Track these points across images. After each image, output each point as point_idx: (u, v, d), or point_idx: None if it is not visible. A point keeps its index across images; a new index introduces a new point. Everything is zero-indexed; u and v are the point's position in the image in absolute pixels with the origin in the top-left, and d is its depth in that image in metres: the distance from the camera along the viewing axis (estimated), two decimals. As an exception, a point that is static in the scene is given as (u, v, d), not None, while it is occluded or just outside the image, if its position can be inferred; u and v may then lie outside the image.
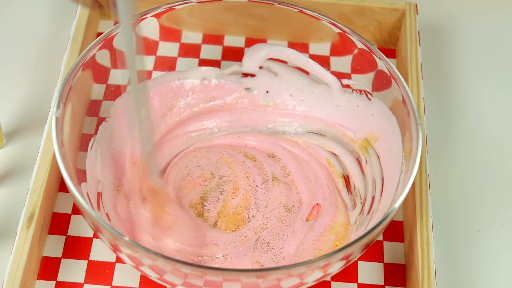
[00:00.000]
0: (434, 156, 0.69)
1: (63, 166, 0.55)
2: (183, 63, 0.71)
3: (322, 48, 0.68)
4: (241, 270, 0.52)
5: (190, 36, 0.73)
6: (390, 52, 0.76)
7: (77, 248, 0.62)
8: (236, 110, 0.69)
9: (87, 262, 0.61)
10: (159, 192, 0.60)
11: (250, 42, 0.71)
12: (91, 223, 0.55)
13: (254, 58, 0.68)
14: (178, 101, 0.68)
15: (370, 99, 0.65)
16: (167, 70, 0.70)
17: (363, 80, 0.65)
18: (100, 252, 0.62)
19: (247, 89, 0.69)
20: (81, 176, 0.59)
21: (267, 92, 0.69)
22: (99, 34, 0.75)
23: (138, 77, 0.53)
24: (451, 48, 0.78)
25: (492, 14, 0.81)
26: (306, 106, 0.68)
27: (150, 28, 0.67)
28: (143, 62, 0.55)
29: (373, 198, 0.62)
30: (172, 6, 0.65)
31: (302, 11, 0.66)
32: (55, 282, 0.60)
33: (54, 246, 0.62)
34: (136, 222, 0.60)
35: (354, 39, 0.64)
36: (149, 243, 0.59)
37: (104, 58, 0.63)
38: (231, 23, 0.73)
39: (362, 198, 0.63)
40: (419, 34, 0.72)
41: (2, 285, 0.57)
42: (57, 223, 0.63)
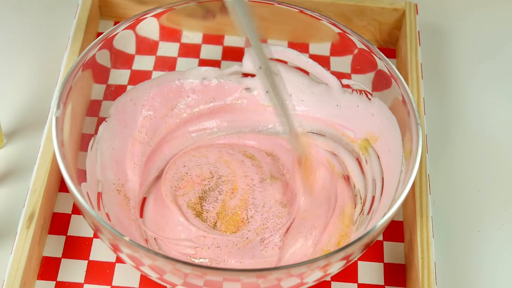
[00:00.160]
0: (434, 156, 0.69)
1: (63, 166, 0.54)
2: (183, 63, 0.71)
3: (322, 48, 0.68)
4: (241, 270, 0.52)
5: (190, 36, 0.73)
6: (390, 52, 0.76)
7: (77, 248, 0.62)
8: (236, 110, 0.69)
9: (87, 262, 0.61)
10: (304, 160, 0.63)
11: (250, 42, 0.71)
12: (91, 223, 0.55)
13: (254, 58, 0.68)
14: (178, 101, 0.68)
15: (370, 99, 0.65)
16: (167, 70, 0.69)
17: (363, 80, 0.65)
18: (100, 252, 0.62)
19: (247, 89, 0.69)
20: (81, 176, 0.59)
21: (267, 92, 0.69)
22: (99, 34, 0.75)
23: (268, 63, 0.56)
24: (451, 48, 0.78)
25: (492, 14, 0.81)
26: (306, 106, 0.68)
27: (150, 28, 0.67)
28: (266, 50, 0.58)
29: (373, 198, 0.62)
30: (172, 6, 0.65)
31: (302, 11, 0.66)
32: (55, 282, 0.60)
33: (54, 246, 0.62)
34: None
35: (354, 39, 0.64)
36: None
37: (104, 58, 0.63)
38: (231, 23, 0.73)
39: (362, 198, 0.63)
40: (419, 34, 0.72)
41: (2, 285, 0.57)
42: (57, 223, 0.63)
